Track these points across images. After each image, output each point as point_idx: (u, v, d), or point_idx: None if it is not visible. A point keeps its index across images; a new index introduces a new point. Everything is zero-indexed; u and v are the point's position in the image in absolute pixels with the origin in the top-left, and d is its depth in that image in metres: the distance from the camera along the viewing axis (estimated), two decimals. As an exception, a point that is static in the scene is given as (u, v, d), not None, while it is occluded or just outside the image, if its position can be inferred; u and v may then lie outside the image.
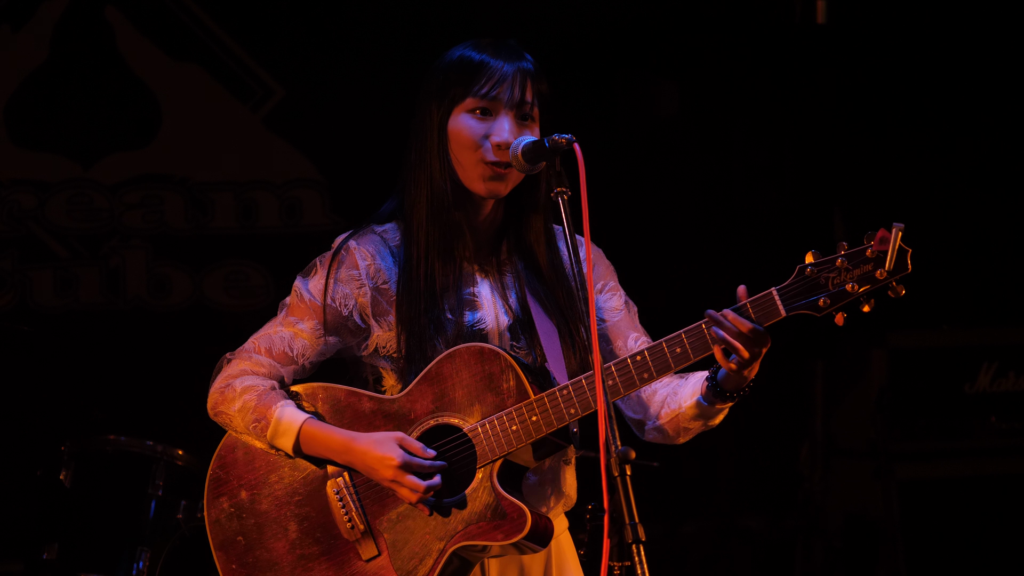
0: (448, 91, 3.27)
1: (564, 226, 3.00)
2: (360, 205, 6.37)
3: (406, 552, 3.18)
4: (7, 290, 6.17)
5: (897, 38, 6.62)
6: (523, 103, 3.24)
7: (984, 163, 6.69)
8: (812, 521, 6.76)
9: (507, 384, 3.15)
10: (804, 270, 2.96)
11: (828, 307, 2.94)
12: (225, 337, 6.18)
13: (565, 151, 3.08)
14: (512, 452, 3.13)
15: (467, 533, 3.13)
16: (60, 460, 4.95)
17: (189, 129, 6.28)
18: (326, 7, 6.29)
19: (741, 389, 3.09)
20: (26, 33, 6.15)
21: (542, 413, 3.11)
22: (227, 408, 3.31)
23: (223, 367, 3.39)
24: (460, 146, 3.25)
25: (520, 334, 3.27)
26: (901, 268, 2.89)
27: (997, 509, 6.33)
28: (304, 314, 3.36)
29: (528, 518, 3.09)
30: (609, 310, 3.35)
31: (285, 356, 3.35)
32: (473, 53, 3.28)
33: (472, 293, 3.29)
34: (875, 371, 6.42)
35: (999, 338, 6.46)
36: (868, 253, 2.91)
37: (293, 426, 3.23)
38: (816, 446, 6.81)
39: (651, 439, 3.31)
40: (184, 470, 4.98)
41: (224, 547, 3.31)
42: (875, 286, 2.91)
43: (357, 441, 3.20)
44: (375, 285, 3.31)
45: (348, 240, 3.38)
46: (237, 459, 3.33)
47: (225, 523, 3.32)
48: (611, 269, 3.40)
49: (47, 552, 4.85)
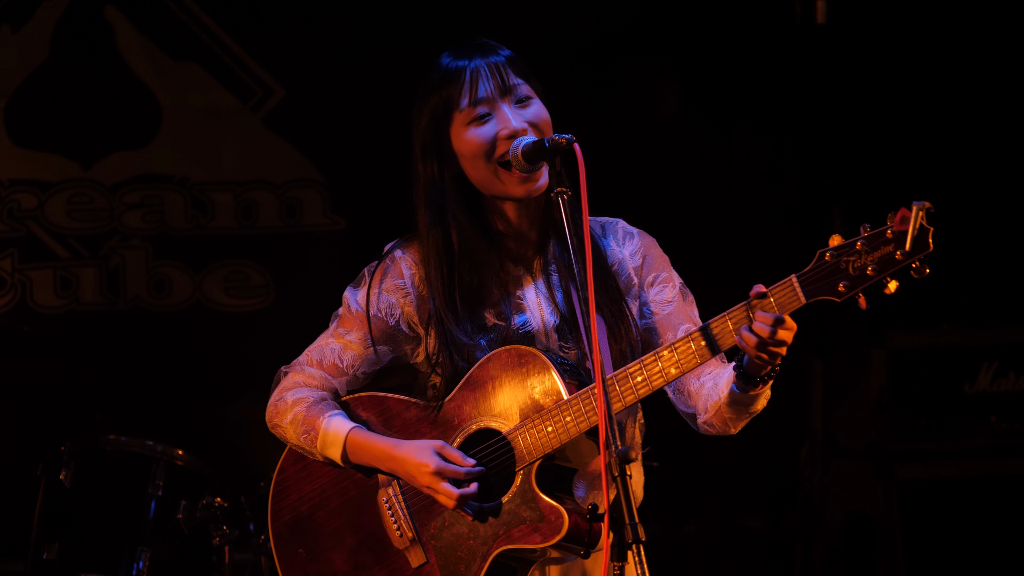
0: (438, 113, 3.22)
1: (564, 226, 2.99)
2: (360, 205, 6.42)
3: (453, 558, 3.18)
4: (7, 290, 6.17)
5: (897, 38, 6.62)
6: (509, 87, 3.20)
7: (984, 163, 6.68)
8: (812, 521, 6.75)
9: (543, 385, 3.14)
10: (824, 255, 2.92)
11: (848, 291, 2.90)
12: (225, 337, 6.18)
13: (565, 151, 3.07)
14: (549, 454, 3.12)
15: (508, 537, 3.13)
16: (60, 460, 4.95)
17: (189, 129, 6.27)
18: (326, 7, 6.28)
19: (770, 372, 3.07)
20: (26, 33, 6.15)
21: (575, 413, 3.10)
22: (280, 421, 3.34)
23: (280, 380, 3.41)
24: (474, 161, 3.21)
25: (568, 333, 3.26)
26: (921, 248, 2.83)
27: (997, 509, 6.33)
28: (352, 325, 3.36)
29: (565, 519, 3.09)
30: (660, 303, 3.31)
31: (336, 368, 3.36)
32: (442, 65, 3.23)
33: (519, 296, 3.28)
34: (875, 371, 6.41)
35: (999, 338, 6.46)
36: (888, 234, 2.85)
37: (340, 436, 3.25)
38: (816, 446, 6.81)
39: (706, 432, 3.29)
40: (184, 470, 4.98)
41: (287, 560, 3.35)
42: (896, 267, 2.85)
43: (398, 449, 3.21)
44: (419, 293, 3.31)
45: (395, 249, 3.36)
46: (297, 472, 3.37)
47: (288, 537, 3.36)
48: (664, 259, 3.36)
49: (47, 552, 4.84)
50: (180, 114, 6.26)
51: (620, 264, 3.32)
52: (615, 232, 3.36)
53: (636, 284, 3.32)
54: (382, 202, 6.29)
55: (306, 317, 3.59)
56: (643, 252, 3.34)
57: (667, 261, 3.37)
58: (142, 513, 4.91)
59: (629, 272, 3.32)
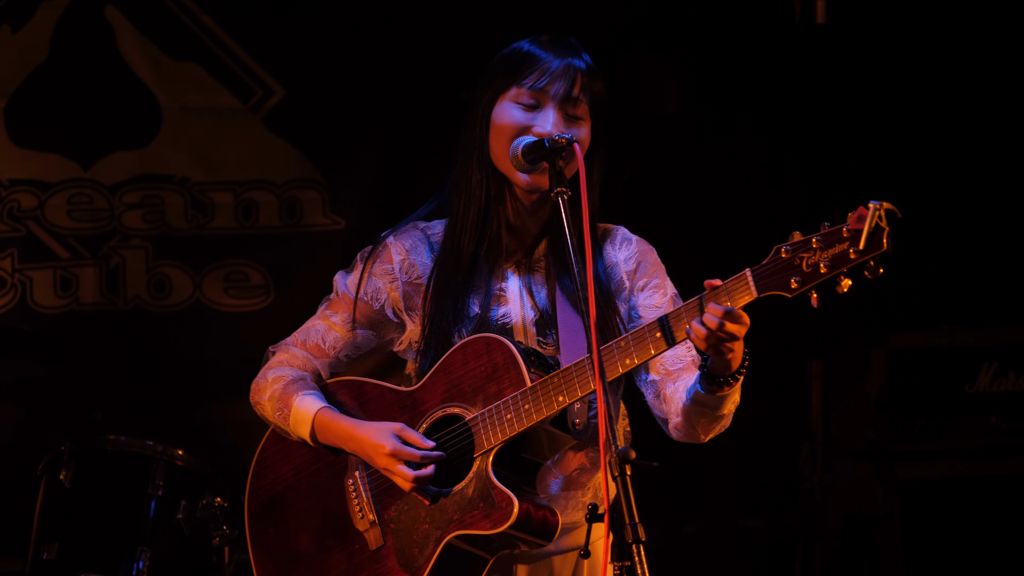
0: (495, 81, 3.28)
1: (564, 226, 3.00)
2: (360, 205, 6.42)
3: (408, 541, 3.20)
4: (7, 290, 6.17)
5: (897, 38, 6.62)
6: (571, 99, 3.23)
7: (984, 163, 6.68)
8: (812, 521, 6.76)
9: (507, 373, 3.16)
10: (780, 251, 2.91)
11: (800, 287, 2.87)
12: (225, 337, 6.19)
13: (565, 151, 3.09)
14: (507, 440, 3.13)
15: (461, 522, 3.14)
16: (60, 460, 4.95)
17: (189, 129, 6.27)
18: (326, 7, 6.28)
19: (731, 374, 3.04)
20: (26, 33, 6.15)
21: (534, 401, 3.11)
22: (260, 398, 3.40)
23: (267, 359, 3.46)
24: (499, 133, 3.24)
25: (547, 330, 3.28)
26: (875, 247, 2.77)
27: (997, 509, 6.33)
28: (338, 307, 3.41)
29: (515, 507, 3.08)
30: (648, 307, 3.33)
31: (318, 348, 3.40)
32: (525, 45, 3.29)
33: (501, 288, 3.31)
34: (875, 371, 6.42)
35: (999, 338, 6.46)
36: (844, 232, 2.81)
37: (309, 415, 3.29)
38: (816, 446, 6.81)
39: (677, 438, 3.29)
40: (184, 470, 4.98)
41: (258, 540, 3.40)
42: (848, 265, 2.80)
43: (359, 429, 3.25)
44: (408, 279, 3.34)
45: (388, 235, 3.41)
46: (276, 452, 3.41)
47: (261, 515, 3.40)
48: (659, 267, 3.39)
49: (47, 552, 4.84)
50: (180, 114, 6.25)
51: (614, 267, 3.35)
52: (613, 238, 3.39)
53: (627, 288, 3.34)
54: (382, 202, 6.33)
55: (306, 317, 3.59)
56: (637, 258, 3.37)
57: (662, 270, 3.39)
58: (142, 513, 4.91)
59: (621, 276, 3.34)
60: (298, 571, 3.34)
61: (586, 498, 3.28)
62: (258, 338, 6.46)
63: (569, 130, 3.22)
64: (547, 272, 3.32)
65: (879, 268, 2.80)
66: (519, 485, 3.16)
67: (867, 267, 2.81)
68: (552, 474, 3.27)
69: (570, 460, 3.29)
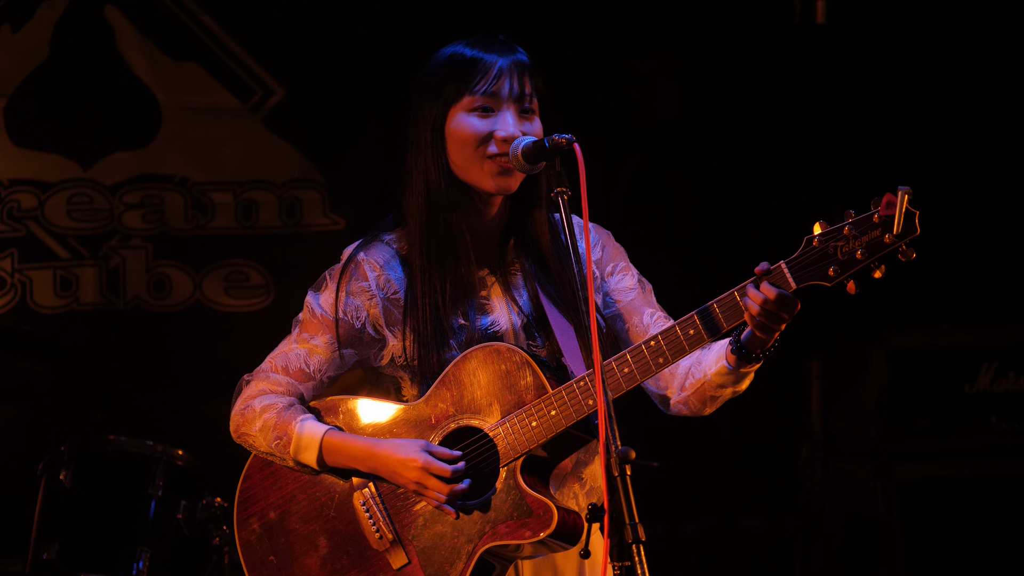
0: (442, 91, 3.26)
1: (563, 225, 3.01)
2: (360, 205, 6.41)
3: (436, 557, 3.16)
4: (7, 290, 6.17)
5: (897, 38, 6.62)
6: (523, 96, 3.24)
7: (984, 163, 6.68)
8: (812, 521, 6.76)
9: (524, 380, 3.14)
10: (811, 241, 2.96)
11: (838, 276, 2.92)
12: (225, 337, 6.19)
13: (565, 151, 3.09)
14: (534, 448, 3.12)
15: (495, 533, 3.12)
16: (60, 460, 4.95)
17: (189, 129, 6.27)
18: (326, 7, 6.28)
19: (767, 349, 3.07)
20: (26, 33, 6.15)
21: (560, 407, 3.11)
22: (248, 429, 3.32)
23: (242, 389, 3.39)
24: (462, 144, 3.23)
25: (536, 333, 3.28)
26: (910, 231, 2.86)
27: (997, 509, 6.33)
28: (317, 329, 3.35)
29: (555, 514, 3.08)
30: (622, 291, 3.35)
31: (302, 373, 3.34)
32: (465, 50, 3.28)
33: (484, 296, 3.29)
34: (875, 371, 6.41)
35: (999, 338, 6.46)
36: (875, 219, 2.89)
37: (315, 439, 3.23)
38: (816, 446, 6.81)
39: (676, 412, 3.29)
40: (184, 470, 4.98)
41: (256, 568, 3.31)
42: (884, 251, 2.88)
43: (379, 446, 3.20)
44: (386, 295, 3.31)
45: (357, 252, 3.37)
46: (264, 479, 3.33)
47: (256, 544, 3.32)
48: (620, 250, 3.41)
49: (47, 552, 4.85)
50: (180, 114, 6.25)
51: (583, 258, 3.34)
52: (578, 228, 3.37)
53: (598, 276, 3.36)
54: (382, 202, 6.32)
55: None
56: (601, 244, 3.39)
57: (623, 252, 3.42)
58: (142, 513, 4.91)
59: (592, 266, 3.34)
60: None
61: (584, 491, 3.27)
62: (258, 338, 6.48)
63: (523, 125, 3.22)
64: (524, 274, 3.31)
65: (912, 252, 2.87)
66: (549, 490, 3.16)
67: (900, 251, 2.87)
68: (552, 473, 3.26)
69: (567, 461, 3.28)
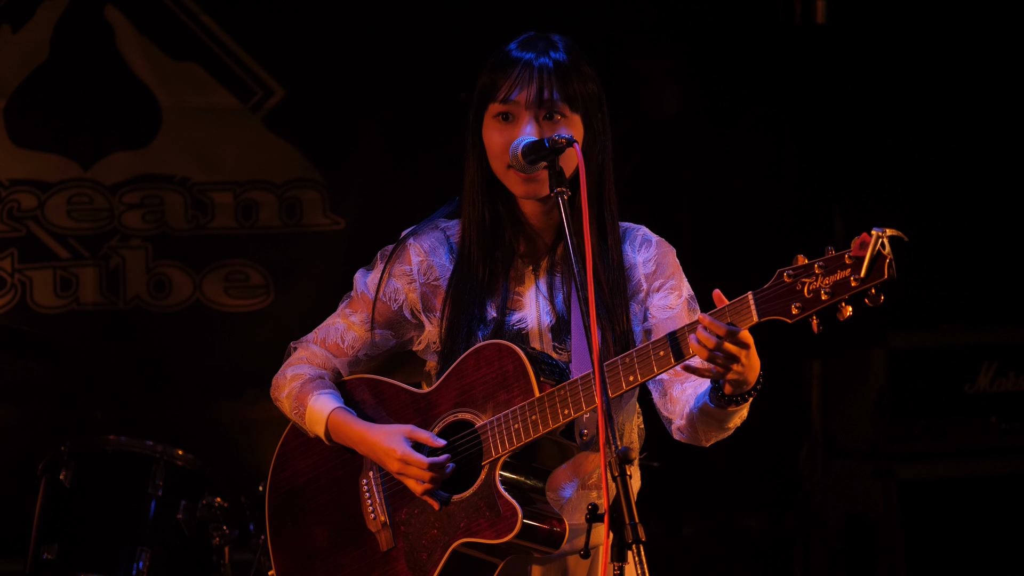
0: (478, 93, 3.27)
1: (565, 225, 3.00)
2: (360, 205, 6.42)
3: (417, 545, 3.21)
4: (7, 290, 6.17)
5: (897, 38, 6.62)
6: (544, 101, 3.21)
7: (984, 163, 6.69)
8: (812, 521, 6.76)
9: (517, 382, 3.15)
10: (783, 275, 2.86)
11: (800, 313, 2.83)
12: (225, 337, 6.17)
13: (565, 151, 3.09)
14: (515, 449, 3.13)
15: (467, 530, 3.14)
16: (60, 460, 4.95)
17: (189, 129, 6.27)
18: (326, 7, 6.28)
19: (742, 393, 3.03)
20: (26, 33, 6.15)
21: (540, 412, 3.11)
22: (278, 395, 3.41)
23: (289, 354, 3.46)
24: (491, 155, 3.26)
25: (563, 335, 3.27)
26: (876, 275, 2.74)
27: (997, 509, 6.33)
28: (358, 307, 3.41)
29: (519, 517, 3.08)
30: (661, 307, 3.28)
31: (337, 347, 3.41)
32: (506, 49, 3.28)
33: (518, 293, 3.30)
34: (875, 371, 6.42)
35: (999, 338, 6.46)
36: (846, 259, 2.77)
37: (323, 415, 3.30)
38: (816, 446, 6.81)
39: (679, 439, 3.27)
40: (184, 470, 4.98)
41: (277, 531, 3.43)
42: (848, 293, 2.78)
43: (370, 432, 3.25)
44: (425, 281, 3.34)
45: (409, 236, 3.40)
46: (297, 447, 3.43)
47: (280, 507, 3.42)
48: (677, 269, 3.34)
49: (47, 552, 4.84)
50: (180, 114, 6.25)
51: (632, 269, 3.31)
52: (633, 238, 3.36)
53: (644, 290, 3.31)
54: (382, 202, 6.33)
55: (306, 317, 3.60)
56: (657, 260, 3.34)
57: (680, 271, 3.35)
58: (142, 513, 4.91)
59: (640, 278, 3.31)
60: (312, 566, 3.35)
61: (585, 492, 3.28)
62: (258, 338, 6.49)
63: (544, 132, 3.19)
64: (565, 275, 3.30)
65: (880, 296, 2.77)
66: (527, 493, 3.15)
67: (868, 295, 2.77)
68: (566, 477, 3.26)
69: (586, 463, 3.27)
